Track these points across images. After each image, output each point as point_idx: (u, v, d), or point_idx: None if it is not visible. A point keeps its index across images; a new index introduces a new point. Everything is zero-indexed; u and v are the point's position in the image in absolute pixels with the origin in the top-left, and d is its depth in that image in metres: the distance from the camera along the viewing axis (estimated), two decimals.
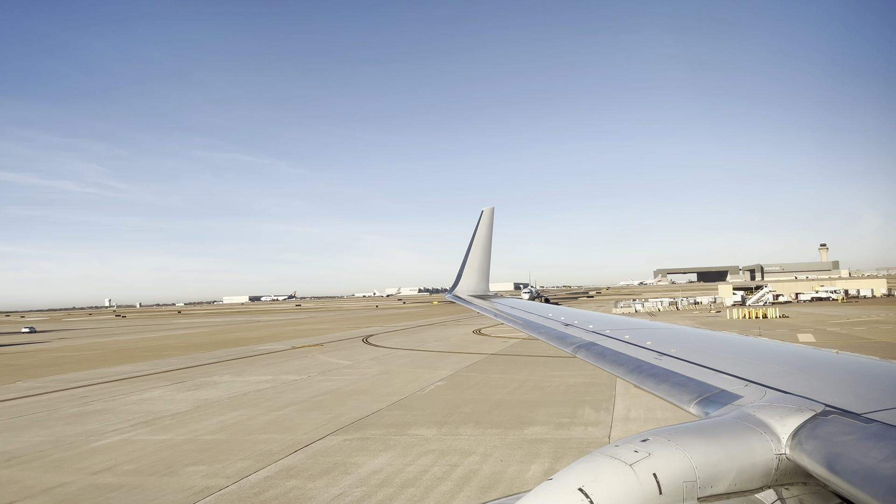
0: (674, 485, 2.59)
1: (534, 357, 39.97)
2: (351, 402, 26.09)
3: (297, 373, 36.58)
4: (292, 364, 41.70)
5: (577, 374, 31.36)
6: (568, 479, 2.60)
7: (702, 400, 3.90)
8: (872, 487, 2.34)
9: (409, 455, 17.35)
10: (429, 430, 20.33)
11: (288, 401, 27.01)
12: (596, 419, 21.08)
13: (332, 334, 71.24)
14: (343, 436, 19.96)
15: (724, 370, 4.38)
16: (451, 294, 15.68)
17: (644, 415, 21.47)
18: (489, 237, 15.89)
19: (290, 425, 21.90)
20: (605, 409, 22.72)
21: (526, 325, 9.03)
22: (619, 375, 5.29)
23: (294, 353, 49.28)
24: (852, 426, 2.81)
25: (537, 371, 33.38)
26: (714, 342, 6.00)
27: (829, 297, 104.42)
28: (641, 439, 2.80)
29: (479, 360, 39.91)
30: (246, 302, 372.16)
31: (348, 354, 46.52)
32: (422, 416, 22.62)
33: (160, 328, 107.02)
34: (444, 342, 54.09)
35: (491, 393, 27.02)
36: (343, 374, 35.54)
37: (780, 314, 70.41)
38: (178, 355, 52.28)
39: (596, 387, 27.50)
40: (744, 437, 2.87)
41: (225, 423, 22.63)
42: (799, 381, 3.75)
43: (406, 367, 37.15)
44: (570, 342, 6.88)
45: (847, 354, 4.53)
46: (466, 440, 18.78)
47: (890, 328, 50.55)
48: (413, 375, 33.40)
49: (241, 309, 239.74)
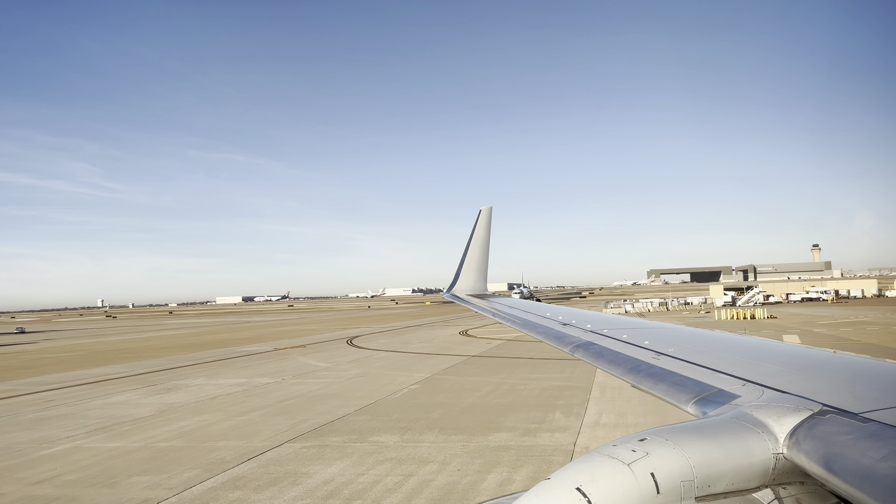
0: (672, 484, 2.58)
1: (514, 359, 39.40)
2: (319, 406, 25.41)
3: (272, 375, 35.87)
4: (270, 366, 40.97)
5: (555, 377, 30.80)
6: (566, 478, 2.57)
7: (699, 399, 3.90)
8: (870, 487, 2.32)
9: (365, 464, 16.69)
10: (391, 436, 19.67)
11: (255, 405, 26.30)
12: (565, 425, 20.46)
13: (319, 335, 70.49)
14: (302, 443, 19.28)
15: (722, 370, 4.36)
16: (449, 293, 15.64)
17: (614, 420, 20.87)
18: (487, 237, 15.84)
19: (250, 431, 21.21)
20: (576, 414, 22.11)
21: (524, 324, 9.01)
22: (616, 375, 5.27)
23: (275, 355, 48.55)
24: (850, 426, 2.80)
25: (515, 373, 32.77)
26: (712, 342, 5.94)
27: (820, 297, 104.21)
28: (639, 438, 2.79)
29: (460, 362, 39.28)
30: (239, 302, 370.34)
31: (329, 356, 45.82)
32: (388, 421, 21.96)
33: (148, 329, 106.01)
34: (428, 344, 53.44)
35: (463, 397, 26.39)
36: (319, 376, 34.85)
37: (768, 315, 70.00)
38: (158, 357, 51.47)
39: (571, 390, 26.92)
40: (741, 436, 2.86)
41: (184, 430, 21.92)
42: (796, 381, 3.72)
43: (384, 370, 36.49)
44: (567, 342, 6.87)
45: (844, 354, 4.51)
46: (427, 448, 18.13)
47: (876, 329, 50.17)
48: (389, 378, 32.74)
49: (234, 309, 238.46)
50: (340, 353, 48.29)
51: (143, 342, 71.89)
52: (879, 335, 45.33)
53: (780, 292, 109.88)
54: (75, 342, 77.39)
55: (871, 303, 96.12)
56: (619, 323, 7.82)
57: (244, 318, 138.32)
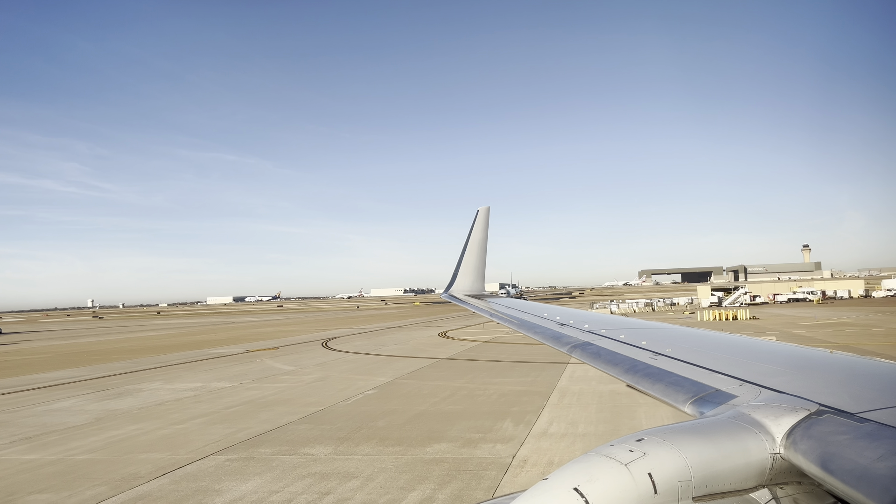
0: (669, 484, 2.58)
1: (484, 362, 38.39)
2: (264, 414, 24.27)
3: (231, 379, 34.71)
4: (233, 370, 39.80)
5: (518, 381, 29.80)
6: (563, 478, 2.58)
7: (697, 399, 3.89)
8: (866, 487, 2.33)
9: (285, 479, 15.57)
10: (326, 448, 18.56)
11: (199, 412, 25.15)
12: (511, 434, 19.41)
13: (297, 336, 69.33)
14: (229, 455, 18.15)
15: (720, 370, 4.35)
16: (446, 294, 15.53)
17: (564, 429, 19.84)
18: (485, 237, 15.79)
19: (181, 441, 20.07)
20: (526, 422, 21.07)
21: (521, 325, 8.96)
22: (614, 375, 5.25)
23: (244, 358, 47.37)
24: (846, 426, 2.81)
25: (479, 377, 31.72)
26: (709, 342, 5.92)
27: (806, 298, 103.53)
28: (636, 439, 2.77)
29: (427, 365, 38.22)
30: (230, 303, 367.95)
31: (297, 359, 44.66)
32: (328, 430, 20.86)
33: (130, 330, 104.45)
34: (402, 346, 52.35)
35: (417, 403, 25.30)
36: (278, 381, 33.71)
37: (750, 316, 69.18)
38: (126, 359, 50.18)
39: (530, 395, 25.91)
40: (739, 436, 2.86)
41: (113, 440, 20.75)
42: (793, 381, 3.74)
43: (346, 374, 35.37)
44: (565, 342, 6.84)
45: (841, 354, 4.50)
46: (358, 461, 17.03)
47: (856, 330, 49.35)
48: (348, 383, 31.63)
49: (222, 310, 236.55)
50: (310, 355, 47.14)
51: (118, 344, 70.50)
52: (857, 337, 44.50)
53: (767, 293, 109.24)
54: (50, 343, 75.91)
55: (857, 303, 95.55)
56: (617, 323, 7.76)
57: (229, 319, 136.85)
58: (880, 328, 50.54)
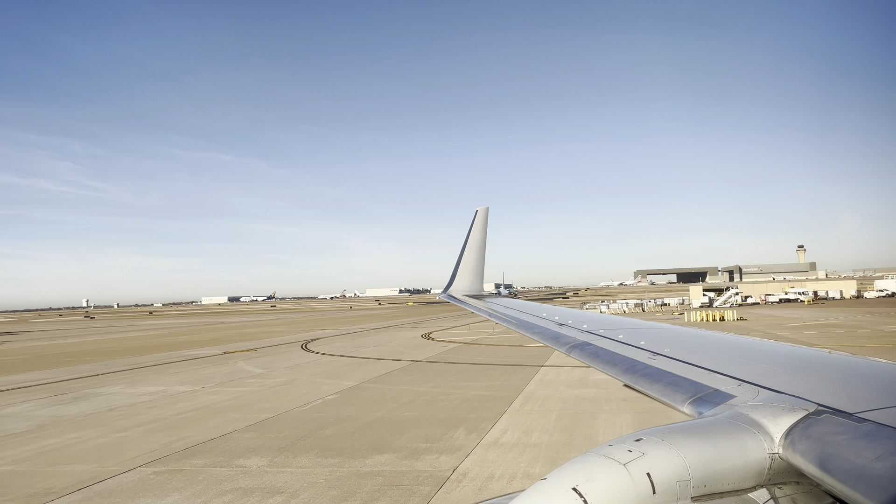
0: (667, 484, 2.58)
1: (457, 364, 37.47)
2: (214, 421, 23.28)
3: (196, 383, 33.71)
4: (201, 372, 38.81)
5: (486, 385, 28.88)
6: (562, 478, 2.57)
7: (695, 399, 3.89)
8: (865, 487, 2.33)
9: (205, 495, 14.56)
10: (261, 459, 17.58)
11: (148, 418, 24.15)
12: (461, 444, 18.45)
13: (280, 337, 68.38)
14: (158, 467, 17.15)
15: (718, 370, 4.35)
16: (445, 294, 15.54)
17: (517, 438, 18.87)
18: (483, 237, 15.85)
19: (114, 451, 19.07)
20: (480, 430, 20.11)
21: (520, 325, 8.91)
22: (612, 375, 5.24)
23: (217, 360, 46.39)
24: (845, 426, 2.80)
25: (447, 381, 30.76)
26: (708, 342, 5.87)
27: (798, 298, 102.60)
28: (635, 439, 2.78)
29: (400, 367, 37.26)
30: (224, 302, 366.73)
31: (271, 361, 43.68)
32: (272, 439, 19.88)
33: (117, 330, 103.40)
34: (382, 347, 51.39)
35: (374, 409, 24.33)
36: (243, 384, 32.72)
37: (738, 317, 68.32)
38: (98, 361, 49.19)
39: (493, 401, 24.97)
40: (737, 436, 2.86)
41: (45, 449, 19.75)
42: (792, 381, 3.76)
43: (314, 377, 34.38)
44: (563, 342, 6.81)
45: (840, 354, 4.49)
46: (289, 475, 16.05)
47: (841, 332, 48.41)
48: (312, 387, 30.65)
49: (216, 310, 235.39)
50: (285, 358, 46.15)
51: (99, 345, 69.43)
52: (841, 339, 43.57)
53: (758, 293, 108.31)
54: (30, 345, 74.86)
55: (849, 304, 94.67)
56: (616, 323, 7.72)
57: (220, 319, 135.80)
58: (866, 329, 49.65)
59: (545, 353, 41.06)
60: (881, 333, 46.44)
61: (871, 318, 62.75)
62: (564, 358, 26.12)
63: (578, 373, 31.97)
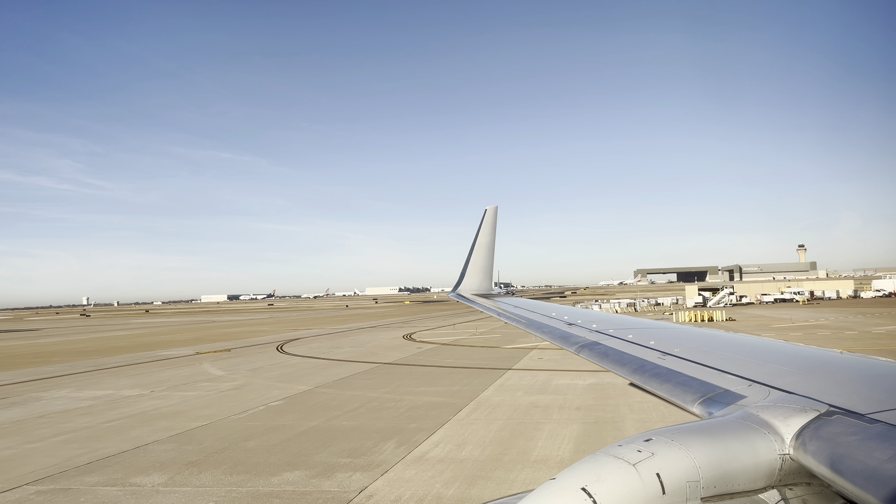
0: (677, 485, 2.57)
1: (424, 367, 36.08)
2: (138, 430, 21.87)
3: (147, 387, 32.38)
4: (160, 375, 37.50)
5: (442, 391, 27.47)
6: (571, 478, 2.55)
7: (705, 400, 3.86)
8: (876, 488, 2.30)
9: None
10: (163, 476, 16.13)
11: (73, 427, 22.76)
12: (385, 458, 17.00)
13: (262, 337, 67.21)
14: (45, 485, 15.68)
15: (728, 370, 4.34)
16: (454, 293, 15.63)
17: (448, 452, 17.38)
18: (492, 236, 15.97)
19: (12, 466, 17.59)
20: (413, 442, 18.66)
21: (529, 324, 8.89)
22: (622, 375, 5.22)
23: (185, 361, 45.12)
24: (856, 426, 2.79)
25: (404, 386, 29.32)
26: (718, 342, 5.80)
27: (793, 298, 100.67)
28: (645, 439, 2.77)
29: (364, 370, 35.87)
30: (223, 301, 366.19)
31: (237, 363, 42.35)
32: (188, 452, 18.46)
33: (106, 329, 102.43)
34: (357, 348, 50.01)
35: (313, 417, 22.90)
36: (195, 388, 31.36)
37: (727, 317, 66.68)
38: (65, 362, 47.98)
39: (441, 408, 23.54)
40: (747, 437, 2.84)
41: None
42: (803, 382, 3.71)
43: (270, 381, 32.99)
44: (573, 342, 6.74)
45: (851, 354, 4.47)
46: (182, 495, 14.58)
47: (827, 334, 46.73)
48: (262, 392, 29.25)
49: (213, 308, 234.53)
50: (255, 359, 44.82)
51: (77, 344, 68.28)
52: (825, 340, 41.90)
53: (754, 293, 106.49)
54: (6, 344, 73.77)
55: (844, 304, 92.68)
56: (626, 323, 7.72)
57: (212, 318, 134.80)
58: (853, 331, 47.91)
59: (518, 355, 39.67)
60: (868, 335, 44.76)
61: (862, 318, 60.98)
62: (536, 361, 24.65)
63: (543, 377, 30.55)
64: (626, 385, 19.61)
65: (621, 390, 25.73)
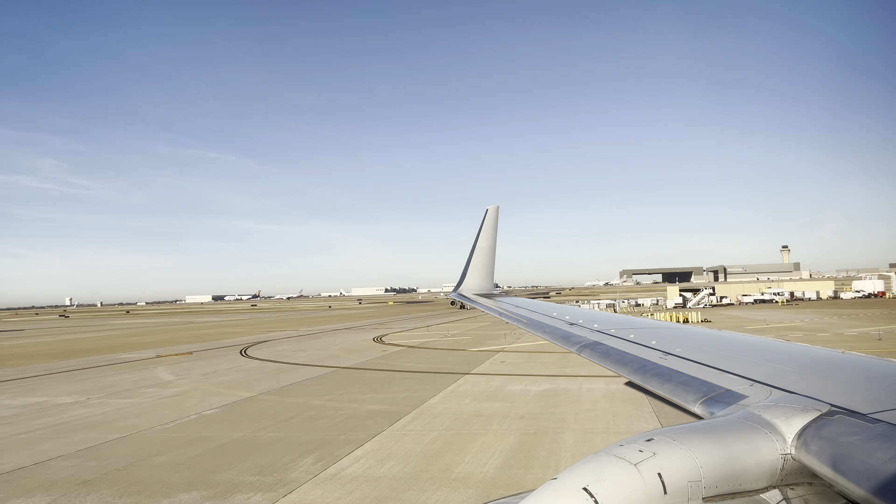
0: (679, 484, 2.55)
1: (380, 372, 34.79)
2: (49, 443, 20.37)
3: (86, 393, 30.84)
4: (107, 380, 35.95)
5: (388, 398, 26.19)
6: (572, 478, 2.53)
7: (707, 399, 3.84)
8: (878, 488, 2.30)
9: None
10: (44, 498, 14.67)
11: None
12: (295, 477, 15.66)
13: (231, 339, 65.73)
14: None
15: (730, 370, 4.34)
16: (455, 293, 15.62)
17: (364, 469, 16.06)
18: (494, 236, 15.87)
19: None
20: (334, 457, 17.34)
21: (530, 324, 8.89)
22: (623, 375, 5.21)
23: (139, 365, 43.55)
24: (858, 426, 2.77)
25: (352, 393, 27.99)
26: (720, 342, 5.83)
27: (773, 299, 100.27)
28: (646, 439, 2.75)
29: (318, 375, 34.52)
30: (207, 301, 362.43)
31: (193, 367, 40.85)
32: (87, 470, 17.02)
33: (77, 331, 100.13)
34: (321, 351, 48.63)
35: (242, 428, 21.53)
36: (135, 395, 29.86)
37: (702, 318, 65.92)
38: (15, 366, 46.26)
39: (378, 417, 22.26)
40: (749, 437, 2.82)
41: None
42: (804, 381, 3.69)
43: (215, 388, 31.55)
44: (574, 341, 6.72)
45: (853, 354, 4.48)
46: None
47: (799, 336, 45.79)
48: (202, 400, 27.83)
49: (196, 309, 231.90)
50: (213, 362, 43.36)
51: (41, 347, 66.36)
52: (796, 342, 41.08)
53: (735, 294, 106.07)
54: None
55: (823, 305, 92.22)
56: (627, 323, 7.74)
57: (191, 319, 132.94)
58: (826, 333, 47.08)
59: (481, 359, 38.53)
60: (841, 337, 43.95)
61: (837, 320, 60.31)
62: (497, 365, 23.20)
63: (498, 382, 29.37)
64: (579, 390, 18.46)
65: (573, 397, 24.64)
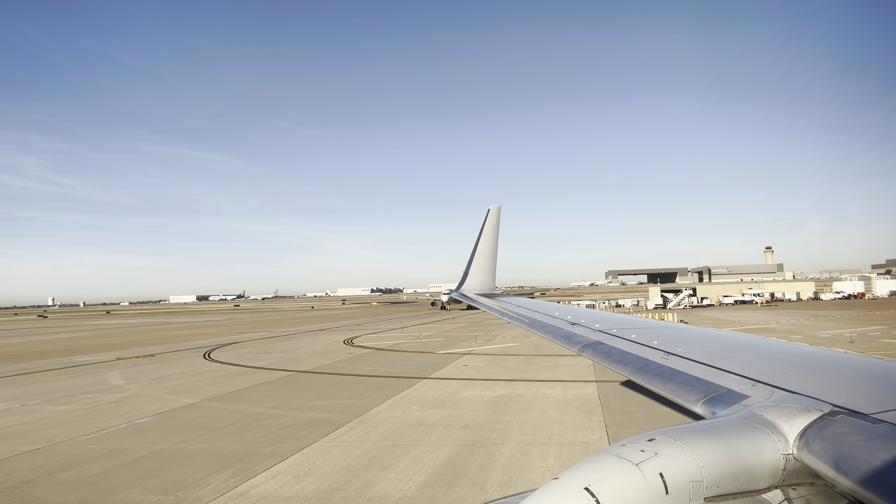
0: (680, 484, 2.54)
1: (338, 377, 33.62)
2: None
3: (24, 399, 29.39)
4: (52, 385, 34.48)
5: (334, 405, 25.03)
6: (574, 478, 2.52)
7: (709, 399, 3.83)
8: (880, 488, 2.28)
9: None
10: None
11: None
12: (201, 496, 14.35)
13: (200, 341, 64.21)
14: None
15: (732, 370, 4.32)
16: (457, 292, 15.47)
17: (277, 486, 14.85)
18: (495, 236, 15.62)
19: None
20: (249, 472, 16.08)
21: (532, 324, 8.89)
22: (625, 374, 5.18)
23: (93, 368, 42.03)
24: (860, 426, 2.77)
25: (299, 399, 26.75)
26: (721, 342, 5.84)
27: (753, 300, 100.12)
28: (648, 439, 2.75)
29: (272, 380, 33.25)
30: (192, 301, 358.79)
31: (146, 371, 39.39)
32: None
33: (49, 331, 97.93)
34: (285, 354, 47.29)
35: (168, 439, 20.25)
36: (74, 402, 28.44)
37: (679, 319, 65.25)
38: None
39: (316, 426, 21.10)
40: (751, 437, 2.81)
41: None
42: (806, 381, 3.69)
43: (161, 393, 30.19)
44: (576, 341, 6.75)
45: (855, 354, 4.47)
46: None
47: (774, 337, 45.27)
48: (141, 406, 26.49)
49: (177, 310, 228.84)
50: (169, 366, 41.91)
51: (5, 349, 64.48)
52: None
53: (716, 295, 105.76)
54: None
55: (803, 306, 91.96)
56: (629, 322, 7.76)
57: (169, 320, 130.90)
58: (799, 335, 46.45)
59: (444, 362, 37.49)
60: (814, 339, 43.32)
61: (813, 321, 59.85)
62: (459, 368, 21.87)
63: (453, 387, 28.32)
64: (533, 396, 17.23)
65: (525, 404, 23.64)
